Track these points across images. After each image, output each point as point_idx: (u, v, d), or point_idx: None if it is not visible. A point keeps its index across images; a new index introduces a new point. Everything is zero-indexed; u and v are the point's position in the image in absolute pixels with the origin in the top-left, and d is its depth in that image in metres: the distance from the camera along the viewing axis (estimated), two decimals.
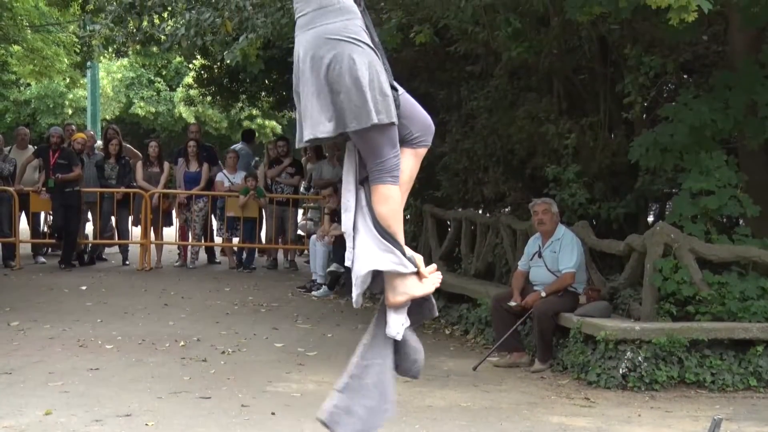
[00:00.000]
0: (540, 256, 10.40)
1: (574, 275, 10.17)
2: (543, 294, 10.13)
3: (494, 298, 10.71)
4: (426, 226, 14.24)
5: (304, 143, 4.18)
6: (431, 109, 16.26)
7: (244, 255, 17.59)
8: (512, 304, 10.26)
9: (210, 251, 18.43)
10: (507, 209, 13.20)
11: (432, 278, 4.22)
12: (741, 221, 10.48)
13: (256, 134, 29.97)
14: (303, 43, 4.03)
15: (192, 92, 29.20)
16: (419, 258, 4.23)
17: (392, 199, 4.10)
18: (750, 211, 10.07)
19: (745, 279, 9.63)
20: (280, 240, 18.14)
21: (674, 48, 11.53)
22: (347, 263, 4.18)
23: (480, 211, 13.98)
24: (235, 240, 17.78)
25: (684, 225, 9.95)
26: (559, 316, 9.96)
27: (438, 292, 12.66)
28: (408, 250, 4.16)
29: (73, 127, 20.00)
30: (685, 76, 12.31)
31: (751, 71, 10.44)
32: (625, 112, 11.97)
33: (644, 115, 12.08)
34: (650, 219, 12.92)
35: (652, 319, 9.50)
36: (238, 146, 20.10)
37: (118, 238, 17.97)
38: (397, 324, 4.14)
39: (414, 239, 14.52)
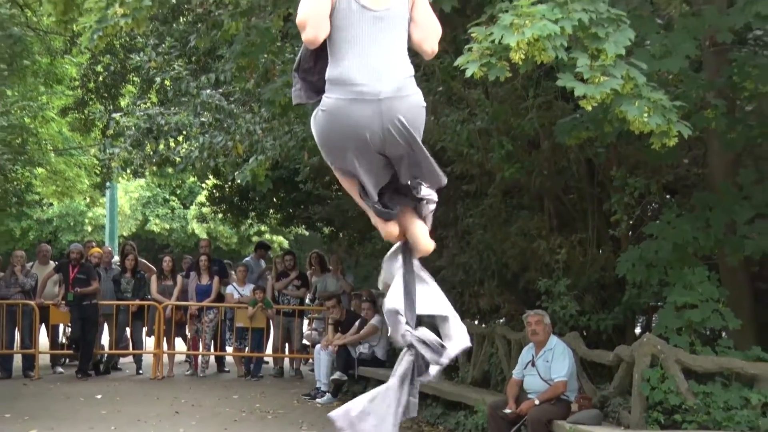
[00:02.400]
0: (533, 365, 10.40)
1: (566, 384, 10.16)
2: (536, 402, 10.09)
3: (490, 405, 10.67)
4: None
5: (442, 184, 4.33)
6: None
7: (252, 364, 17.55)
8: (507, 411, 10.21)
9: (220, 360, 18.38)
10: (502, 320, 13.23)
11: None
12: (723, 333, 10.49)
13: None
14: (404, 109, 4.05)
15: (204, 210, 29.45)
16: None
17: None
18: (731, 324, 10.09)
19: (729, 389, 9.59)
20: (286, 349, 18.11)
21: (657, 170, 11.66)
22: (401, 337, 4.24)
23: (476, 322, 13.98)
24: (246, 349, 17.75)
25: (669, 337, 9.96)
26: (552, 424, 9.90)
27: (436, 399, 12.69)
28: None
29: (92, 243, 20.12)
30: (667, 197, 12.42)
31: (730, 193, 10.54)
32: (612, 230, 12.07)
33: (630, 233, 12.15)
34: (637, 330, 12.90)
35: (641, 427, 9.44)
36: (247, 259, 20.17)
37: (133, 348, 17.95)
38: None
39: None
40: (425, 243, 4.41)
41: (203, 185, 27.71)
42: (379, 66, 4.01)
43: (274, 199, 21.09)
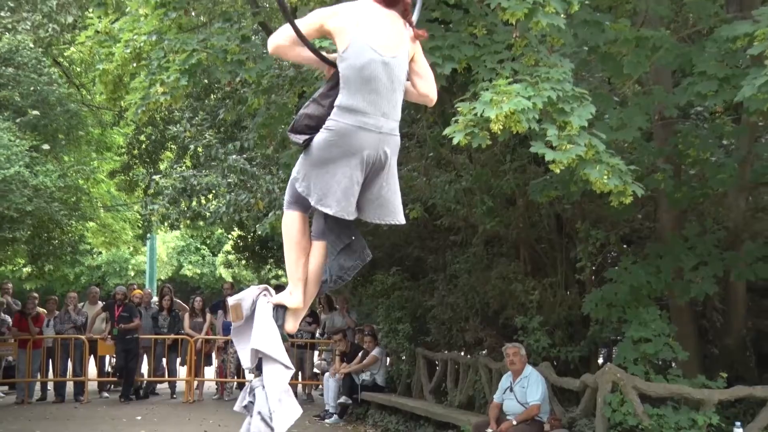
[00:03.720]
0: (511, 390, 10.32)
1: (540, 407, 10.07)
2: (514, 422, 10.00)
3: (474, 426, 10.59)
4: (418, 365, 14.14)
5: (399, 222, 4.27)
6: (422, 270, 16.40)
7: None
8: (489, 431, 10.16)
9: (242, 386, 18.20)
10: (484, 352, 13.13)
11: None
12: (673, 364, 10.43)
13: None
14: (392, 146, 4.13)
15: (230, 257, 29.32)
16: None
17: None
18: (680, 355, 10.05)
19: (679, 412, 9.52)
20: (299, 376, 17.98)
21: (615, 224, 11.68)
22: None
23: (462, 353, 13.90)
24: None
25: (627, 366, 9.90)
26: None
27: (428, 420, 12.53)
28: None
29: (135, 286, 20.08)
30: (624, 246, 12.41)
31: (677, 244, 10.55)
32: (577, 274, 12.08)
33: (593, 277, 12.14)
34: (600, 361, 12.85)
35: None
36: None
37: (168, 376, 17.83)
38: None
39: (408, 376, 14.41)
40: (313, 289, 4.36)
41: (229, 236, 27.65)
42: (385, 107, 4.07)
43: None
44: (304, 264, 4.24)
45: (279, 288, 4.49)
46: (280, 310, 4.27)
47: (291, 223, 4.22)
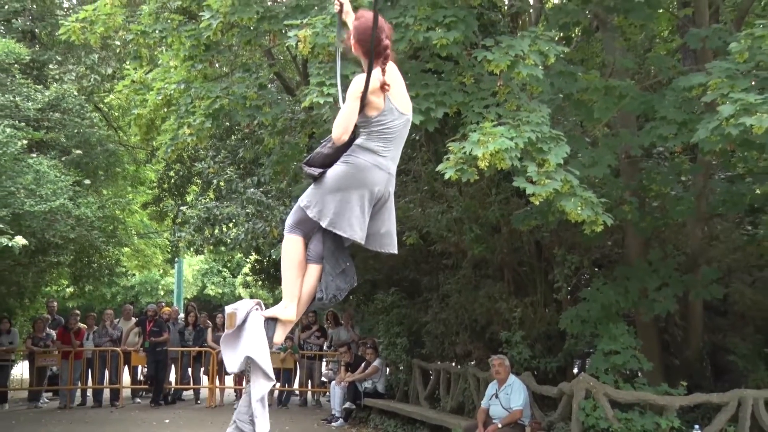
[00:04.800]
0: (497, 397, 10.23)
1: (522, 412, 9.99)
2: (499, 425, 9.92)
3: (464, 428, 10.50)
4: (414, 375, 14.03)
5: (395, 251, 4.41)
6: (417, 291, 16.26)
7: (283, 396, 17.29)
8: None
9: None
10: (473, 363, 13.02)
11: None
12: (639, 373, 10.35)
13: None
14: (393, 186, 4.23)
15: (248, 278, 29.22)
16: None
17: None
18: (645, 366, 9.99)
19: (644, 416, 9.45)
20: (309, 384, 17.86)
21: (588, 249, 11.65)
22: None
23: (453, 364, 13.78)
24: (277, 384, 17.50)
25: (599, 375, 9.84)
26: None
27: (423, 423, 12.39)
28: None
29: (164, 304, 19.99)
30: (596, 269, 12.35)
31: (642, 267, 10.52)
32: (555, 294, 12.01)
33: (569, 296, 12.07)
34: (575, 371, 12.74)
35: None
36: None
37: (193, 384, 17.73)
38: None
39: (406, 384, 14.30)
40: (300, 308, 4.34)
41: (247, 260, 27.57)
42: (395, 154, 4.20)
43: None
44: (301, 283, 4.23)
45: (268, 305, 4.43)
46: (271, 323, 4.24)
47: (293, 246, 4.22)
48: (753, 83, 7.82)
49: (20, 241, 9.14)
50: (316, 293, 4.25)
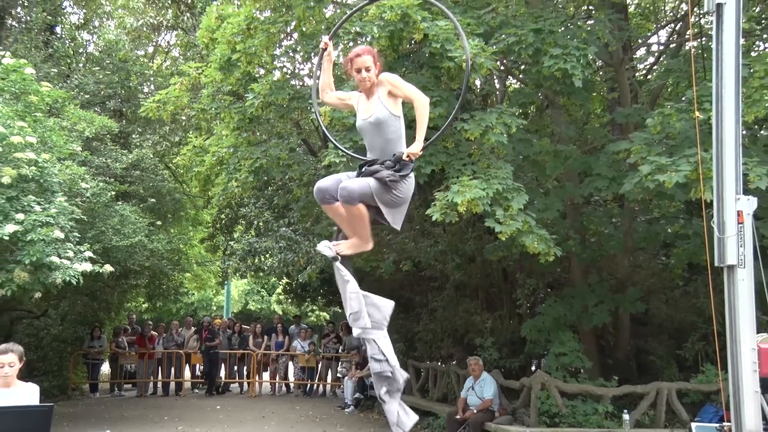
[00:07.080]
0: (473, 389, 10.09)
1: (492, 401, 9.85)
2: (475, 411, 9.78)
3: (448, 413, 10.32)
4: (409, 372, 13.84)
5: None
6: (411, 306, 16.01)
7: (307, 388, 17.04)
8: (458, 417, 9.88)
9: (287, 386, 17.84)
10: (454, 362, 12.85)
11: None
12: (582, 370, 10.24)
13: (315, 319, 29.63)
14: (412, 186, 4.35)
15: (281, 297, 29.00)
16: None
17: None
18: (586, 364, 9.93)
19: (586, 403, 9.36)
20: (328, 378, 17.60)
21: (543, 274, 11.57)
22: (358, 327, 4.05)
23: (439, 363, 13.60)
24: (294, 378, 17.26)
25: (552, 372, 9.74)
26: (484, 424, 9.58)
27: (415, 409, 12.19)
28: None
29: (216, 316, 19.81)
30: (549, 290, 12.27)
31: (584, 288, 10.49)
32: (518, 309, 11.90)
33: (528, 311, 11.97)
34: (533, 368, 12.59)
35: (535, 426, 9.15)
36: (292, 327, 19.34)
37: (238, 378, 17.48)
38: None
39: None
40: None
41: (280, 282, 27.47)
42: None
43: (321, 291, 20.81)
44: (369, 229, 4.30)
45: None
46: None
47: (363, 210, 4.22)
48: (664, 149, 7.87)
49: (108, 268, 9.07)
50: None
